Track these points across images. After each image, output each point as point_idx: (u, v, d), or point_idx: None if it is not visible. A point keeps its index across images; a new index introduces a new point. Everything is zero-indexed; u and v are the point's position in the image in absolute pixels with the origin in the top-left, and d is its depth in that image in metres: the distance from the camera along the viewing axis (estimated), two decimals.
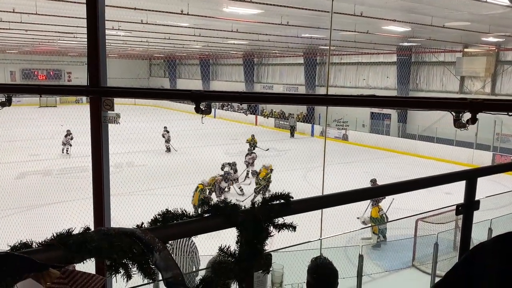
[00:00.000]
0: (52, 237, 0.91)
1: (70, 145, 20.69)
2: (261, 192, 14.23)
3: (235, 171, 15.61)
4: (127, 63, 41.61)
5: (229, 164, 15.53)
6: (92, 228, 0.99)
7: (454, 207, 1.85)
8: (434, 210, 10.76)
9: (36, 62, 42.51)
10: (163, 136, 23.67)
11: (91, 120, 3.23)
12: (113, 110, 3.16)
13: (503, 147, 21.17)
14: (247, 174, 17.20)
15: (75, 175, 16.60)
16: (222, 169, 15.42)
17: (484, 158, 20.26)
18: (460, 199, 1.87)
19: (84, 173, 15.96)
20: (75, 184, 14.18)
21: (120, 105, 3.94)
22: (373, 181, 12.87)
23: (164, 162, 16.84)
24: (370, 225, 11.33)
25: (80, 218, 8.57)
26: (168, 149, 23.25)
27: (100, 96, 3.10)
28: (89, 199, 4.04)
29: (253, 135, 22.46)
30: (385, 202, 11.57)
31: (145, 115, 23.45)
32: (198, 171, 16.77)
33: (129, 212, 10.35)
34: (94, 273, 0.98)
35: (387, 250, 10.15)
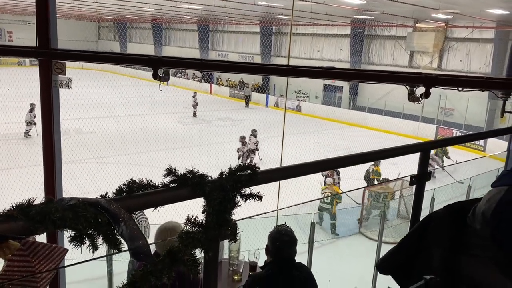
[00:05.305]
0: (12, 207, 0.86)
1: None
2: None
3: None
4: (73, 25, 39.28)
5: None
6: (44, 198, 0.95)
7: (404, 176, 1.94)
8: (392, 181, 11.25)
9: None
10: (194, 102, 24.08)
11: (40, 85, 3.04)
12: (64, 74, 2.99)
13: (446, 121, 22.30)
14: None
15: (20, 142, 15.79)
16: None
17: (428, 131, 21.28)
18: (405, 170, 1.95)
19: (30, 139, 15.26)
20: (21, 150, 13.52)
21: (66, 68, 3.74)
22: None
23: (115, 129, 16.31)
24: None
25: (29, 186, 8.24)
26: (195, 114, 24.09)
27: (50, 59, 2.91)
28: (37, 166, 3.87)
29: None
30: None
31: (94, 80, 22.51)
32: (150, 139, 16.46)
33: (79, 180, 10.06)
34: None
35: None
